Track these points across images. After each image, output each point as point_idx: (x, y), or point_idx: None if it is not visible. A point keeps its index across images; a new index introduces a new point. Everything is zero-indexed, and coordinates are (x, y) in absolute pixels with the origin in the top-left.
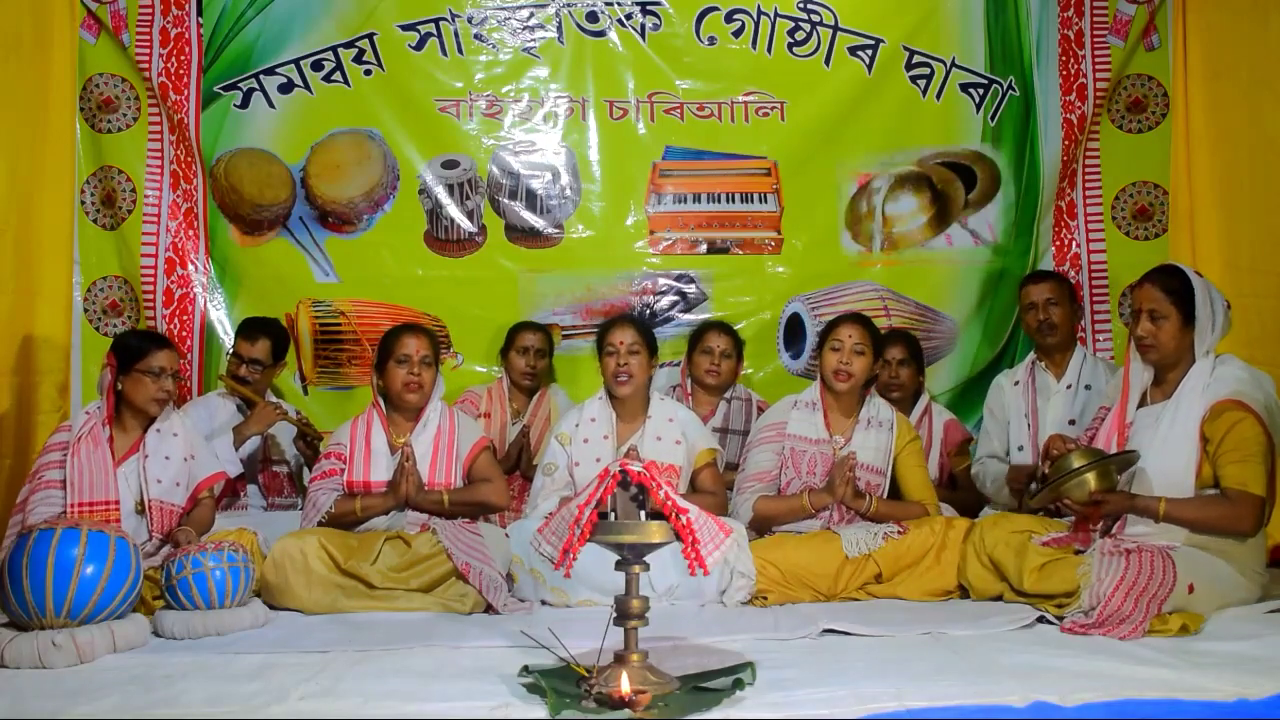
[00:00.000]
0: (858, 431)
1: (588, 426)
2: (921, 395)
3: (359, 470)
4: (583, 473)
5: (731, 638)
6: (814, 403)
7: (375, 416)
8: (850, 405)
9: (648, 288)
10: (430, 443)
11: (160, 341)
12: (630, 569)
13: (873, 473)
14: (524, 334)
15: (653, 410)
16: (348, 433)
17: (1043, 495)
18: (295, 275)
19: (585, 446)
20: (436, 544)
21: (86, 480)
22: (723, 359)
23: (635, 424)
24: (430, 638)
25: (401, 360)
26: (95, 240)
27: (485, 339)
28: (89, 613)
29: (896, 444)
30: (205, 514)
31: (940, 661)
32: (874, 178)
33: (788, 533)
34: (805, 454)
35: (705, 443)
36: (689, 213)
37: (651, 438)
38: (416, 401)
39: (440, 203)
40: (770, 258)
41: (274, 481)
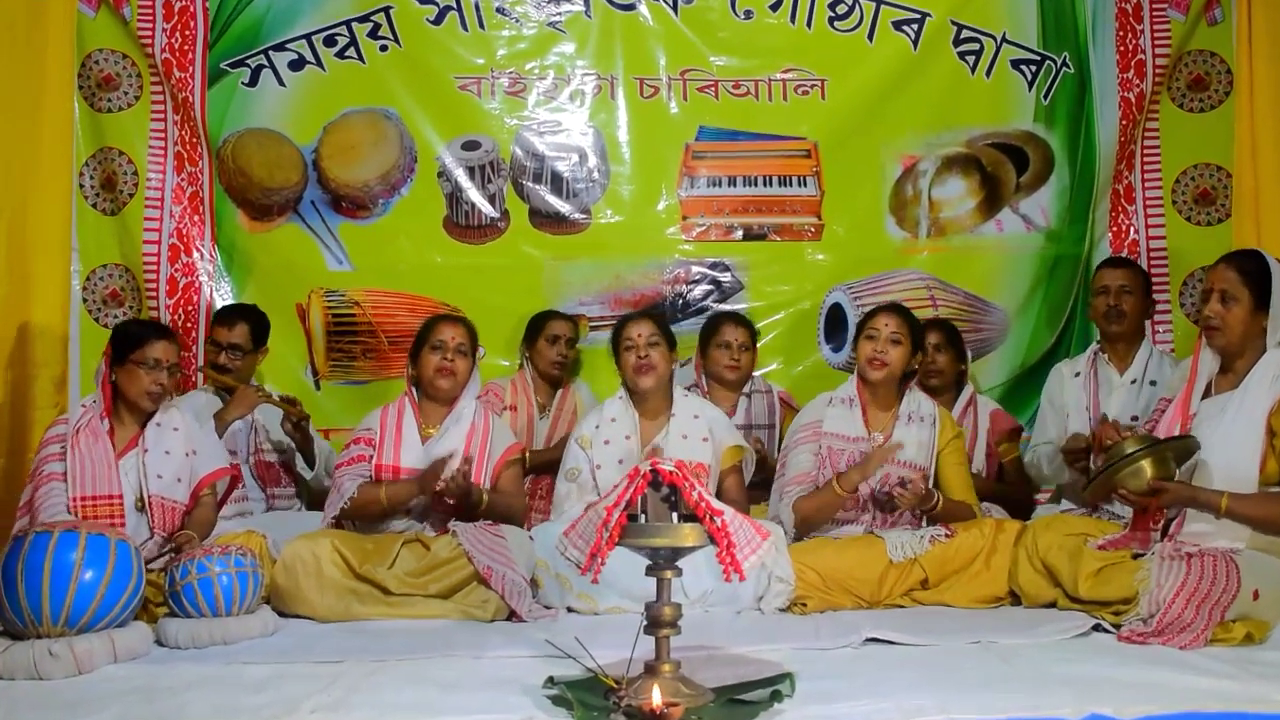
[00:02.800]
0: (898, 427)
1: (608, 427)
2: (965, 386)
3: (388, 454)
4: (605, 476)
5: (769, 647)
6: (850, 398)
7: (407, 404)
8: (888, 399)
9: (680, 276)
10: (462, 438)
11: (160, 331)
12: (662, 574)
13: (915, 470)
14: (554, 322)
15: (677, 407)
16: (378, 418)
17: (1096, 485)
18: (306, 263)
19: (606, 448)
20: (456, 547)
21: (88, 473)
22: (742, 351)
23: (659, 422)
24: (450, 646)
25: (436, 346)
26: (95, 226)
27: (508, 330)
28: (88, 620)
29: (939, 440)
30: (207, 514)
31: (990, 672)
32: (920, 160)
33: (828, 536)
34: (843, 453)
35: (732, 439)
36: (724, 197)
37: (677, 436)
38: (448, 389)
39: (460, 186)
40: (810, 245)
41: (269, 472)
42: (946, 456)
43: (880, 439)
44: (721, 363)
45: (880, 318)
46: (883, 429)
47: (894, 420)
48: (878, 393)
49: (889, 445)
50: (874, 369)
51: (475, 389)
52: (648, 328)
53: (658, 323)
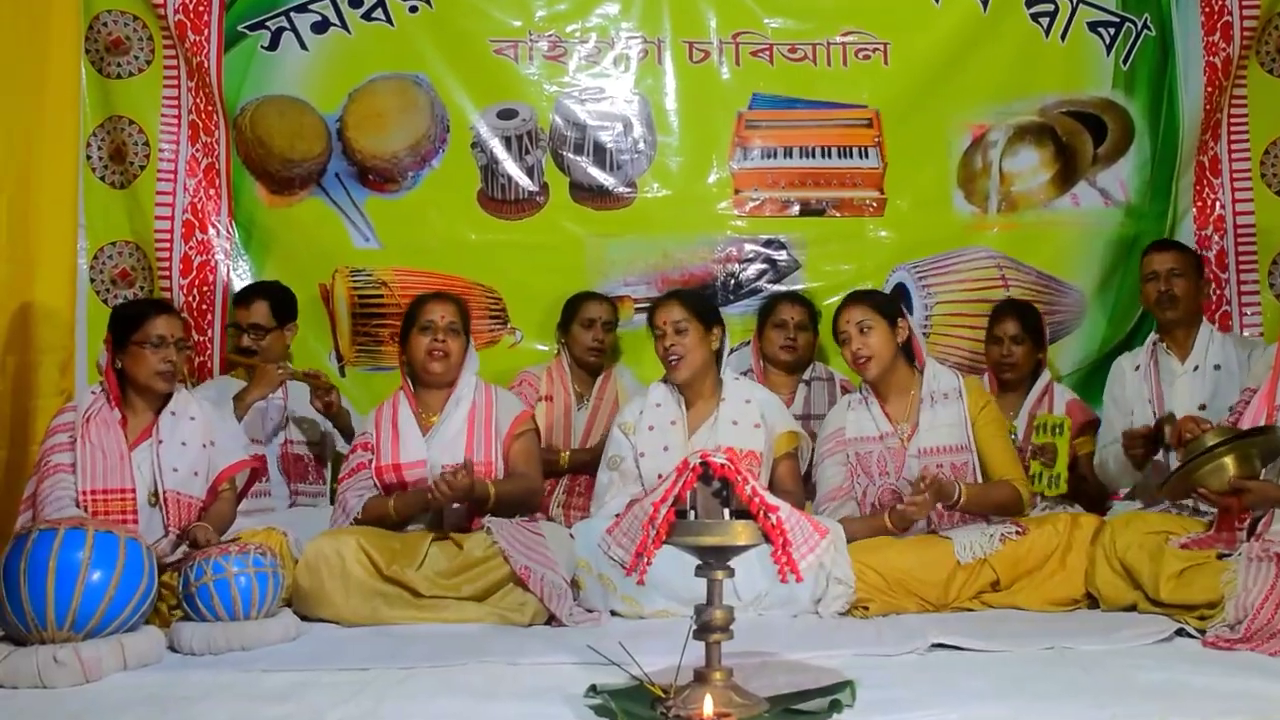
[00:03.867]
0: (923, 413)
1: (653, 412)
2: (1041, 374)
3: (386, 453)
4: (649, 464)
5: (828, 653)
6: (864, 397)
7: (402, 396)
8: (906, 384)
9: (732, 254)
10: (464, 419)
11: (157, 307)
12: (713, 575)
13: (955, 452)
14: (589, 304)
15: (727, 391)
16: (373, 419)
17: (1173, 483)
18: (331, 240)
19: (651, 435)
20: (491, 545)
21: (99, 465)
22: (798, 331)
23: (707, 408)
24: (484, 653)
25: (425, 328)
26: (103, 200)
27: (547, 313)
28: (95, 625)
29: (970, 411)
30: (225, 509)
31: (1066, 680)
32: (990, 129)
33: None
34: (872, 455)
35: (785, 424)
36: (779, 169)
37: (727, 422)
38: (441, 372)
39: (496, 158)
40: (872, 220)
41: (297, 465)
42: (981, 428)
43: (907, 430)
44: (777, 343)
45: (841, 315)
46: (907, 418)
47: (917, 406)
48: (888, 382)
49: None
50: (864, 369)
51: (473, 366)
52: (676, 311)
53: (688, 304)
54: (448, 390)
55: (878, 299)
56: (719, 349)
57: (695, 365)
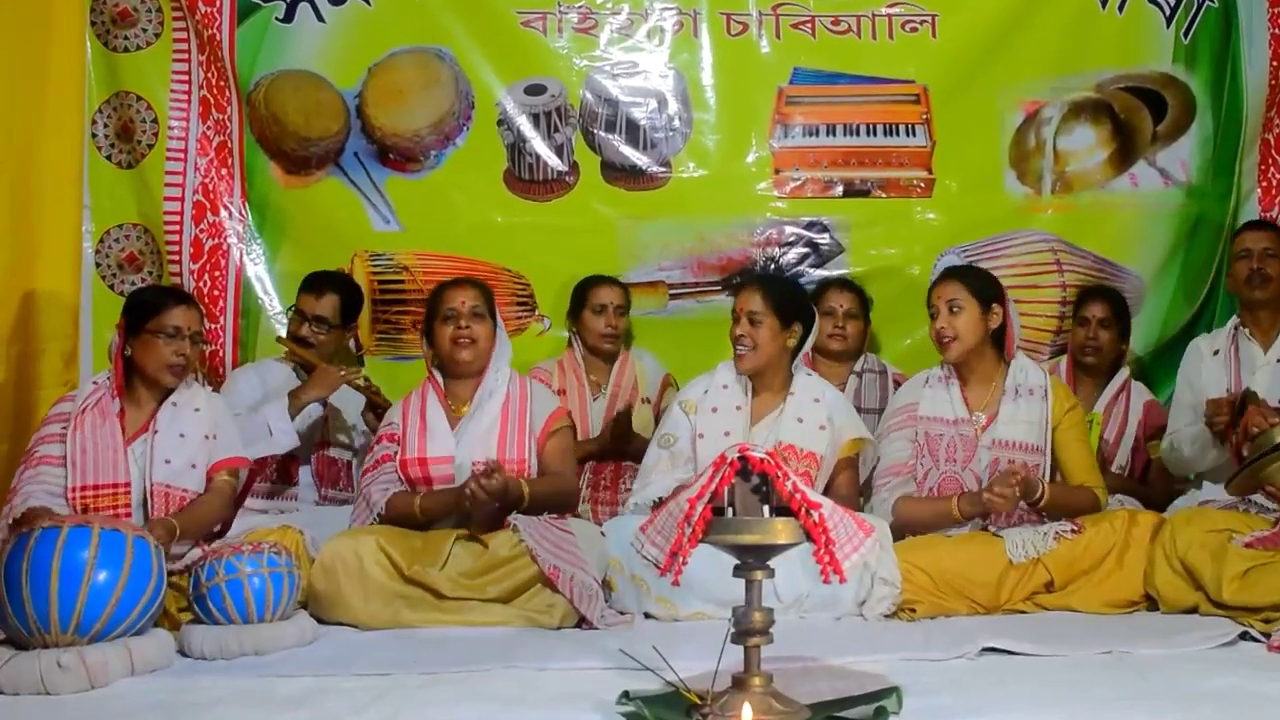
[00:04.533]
0: (1004, 404)
1: (719, 394)
2: (1121, 367)
3: (413, 446)
4: (707, 447)
5: (873, 657)
6: (946, 376)
7: (430, 388)
8: (990, 372)
9: (772, 238)
10: (497, 414)
11: (177, 296)
12: (751, 575)
13: (1029, 452)
14: (599, 289)
15: (796, 386)
16: (400, 410)
17: (1240, 479)
18: (349, 222)
19: (714, 417)
20: (518, 544)
21: (91, 459)
22: (848, 320)
23: (774, 400)
24: (511, 657)
25: (448, 316)
26: (109, 181)
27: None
28: (101, 627)
29: (1053, 413)
30: (212, 504)
31: (1124, 686)
32: (1044, 106)
33: (940, 532)
34: (942, 438)
35: (854, 430)
36: (821, 148)
37: (791, 418)
38: (469, 360)
39: (523, 136)
40: (919, 202)
41: (330, 469)
42: (1063, 432)
43: (983, 420)
44: (825, 331)
45: (934, 292)
46: (986, 407)
47: (998, 396)
48: (974, 367)
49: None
50: (946, 349)
51: (506, 354)
52: (753, 300)
53: (770, 294)
54: (477, 380)
55: (976, 279)
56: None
57: (760, 361)
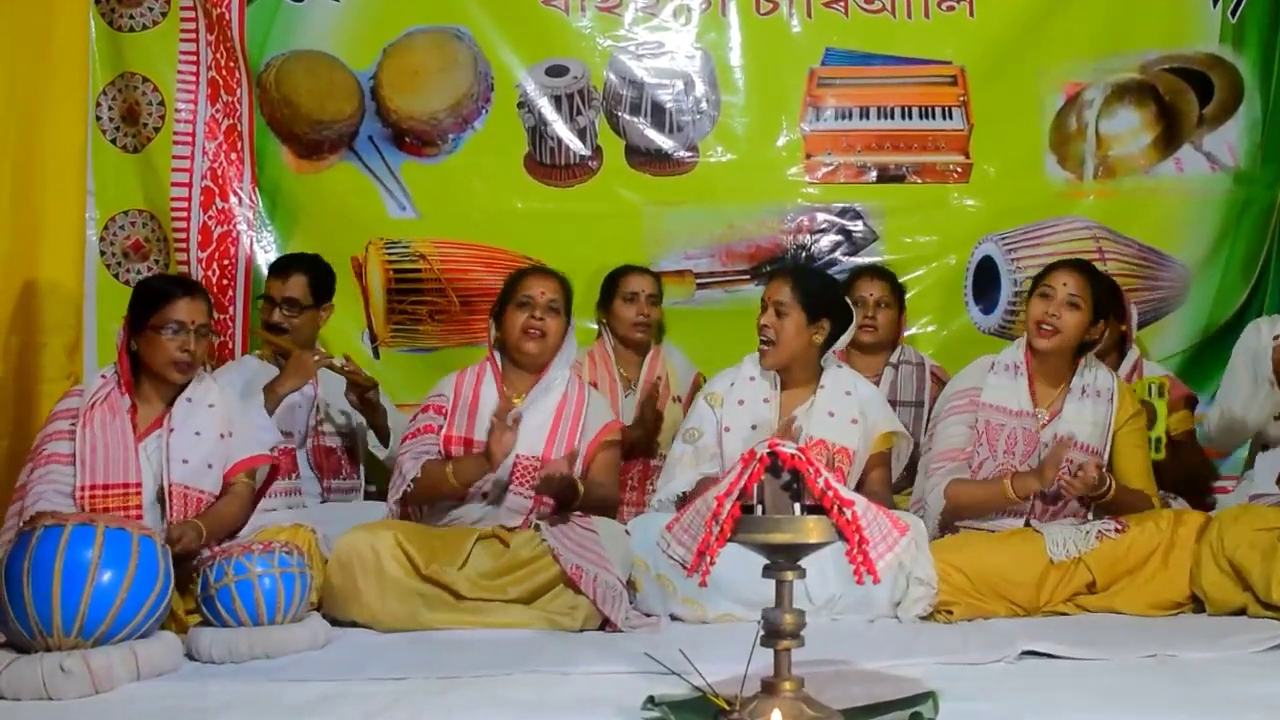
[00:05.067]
0: (1069, 403)
1: (745, 386)
2: (1129, 350)
3: (461, 424)
4: (733, 441)
5: (908, 661)
6: (1016, 365)
7: (489, 369)
8: (1060, 370)
9: (803, 225)
10: (552, 411)
11: (182, 288)
12: (782, 575)
13: (1088, 453)
14: (630, 277)
15: (827, 380)
16: (453, 383)
17: None
18: (364, 209)
19: (740, 410)
20: (540, 544)
21: (100, 457)
22: (879, 309)
23: (804, 393)
24: (532, 661)
25: (524, 303)
26: (114, 165)
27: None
28: (106, 630)
29: (1116, 418)
30: (232, 508)
31: (1169, 691)
32: (1086, 88)
33: (977, 530)
34: (1004, 428)
35: (887, 424)
36: (855, 131)
37: (822, 412)
38: (536, 353)
39: (544, 119)
40: (956, 188)
41: (328, 459)
42: (1124, 437)
43: (1046, 416)
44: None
45: (1059, 275)
46: (1051, 405)
47: (1064, 394)
48: (1048, 362)
49: (1064, 442)
50: (1043, 336)
51: (569, 356)
52: (781, 291)
53: (799, 287)
54: (538, 375)
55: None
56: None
57: (784, 355)
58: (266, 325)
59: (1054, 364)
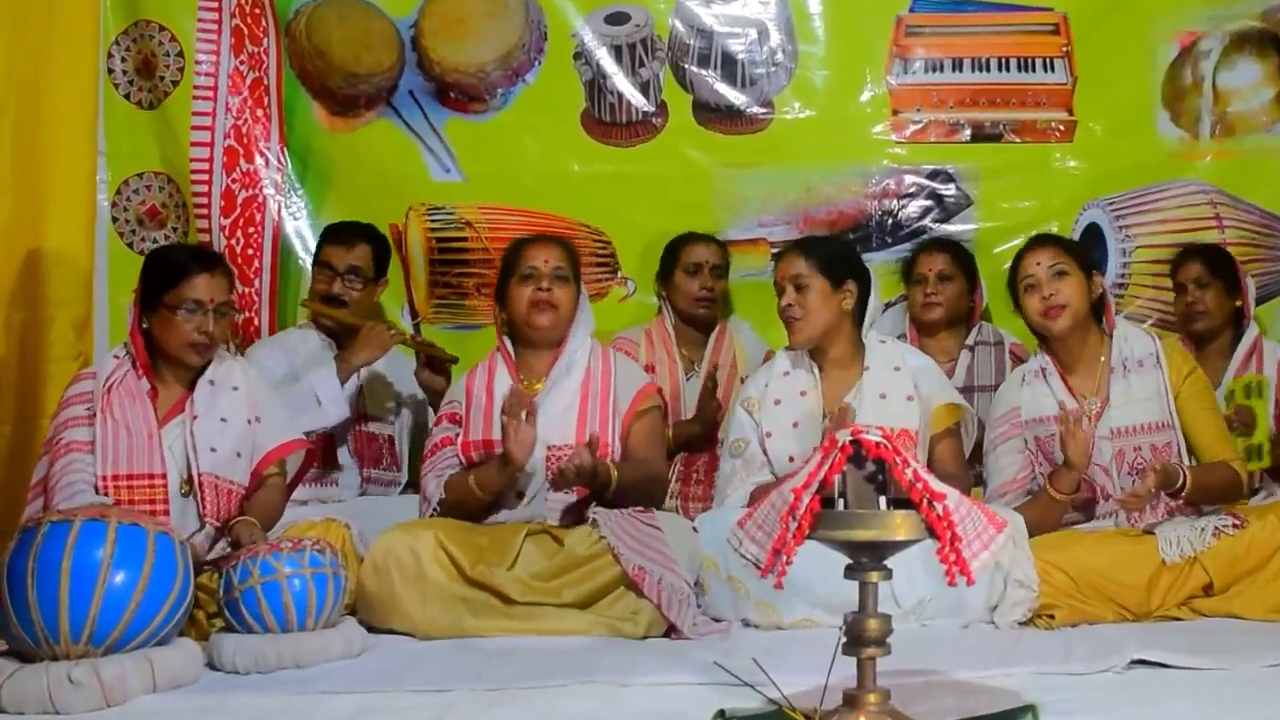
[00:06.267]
0: (1115, 383)
1: (780, 383)
2: (1246, 328)
3: (477, 428)
4: (777, 445)
5: (1005, 671)
6: (1043, 368)
7: (500, 359)
8: (1092, 350)
9: (890, 189)
10: (577, 390)
11: (200, 261)
12: (866, 576)
13: (1154, 431)
14: (693, 246)
15: (871, 358)
16: (462, 386)
17: None
18: (404, 171)
19: (777, 410)
20: (598, 541)
21: (123, 445)
22: (941, 283)
23: (847, 378)
24: (590, 671)
25: (527, 275)
26: (127, 123)
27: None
28: (119, 637)
29: (1171, 381)
30: (273, 498)
31: None
32: (1202, 37)
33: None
34: (1055, 438)
35: (944, 395)
36: (946, 85)
37: (872, 394)
38: (549, 326)
39: (604, 72)
40: (1059, 147)
41: (370, 446)
42: (1186, 401)
43: (1095, 406)
44: (918, 302)
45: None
46: (1095, 391)
47: (1106, 376)
48: (1071, 347)
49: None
50: (1053, 318)
51: (587, 325)
52: (795, 264)
53: (811, 255)
54: (555, 351)
55: (1070, 243)
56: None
57: (815, 329)
58: (325, 297)
59: (1078, 347)
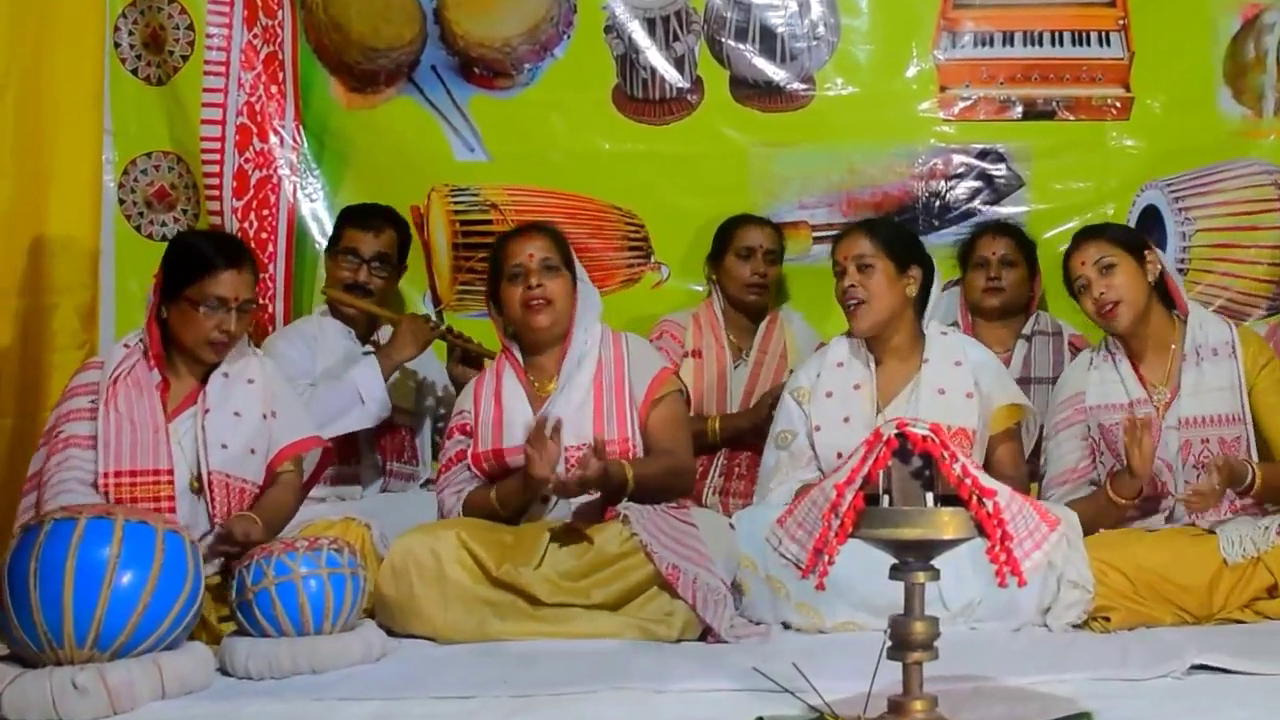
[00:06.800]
0: (1186, 373)
1: (832, 374)
2: None
3: (487, 437)
4: (827, 440)
5: (1059, 676)
6: (1113, 352)
7: (506, 365)
8: (1161, 336)
9: (937, 169)
10: (589, 386)
11: (228, 257)
12: (912, 577)
13: (1225, 424)
14: (746, 229)
15: (930, 349)
16: (470, 395)
17: None
18: (426, 150)
19: (829, 403)
20: (630, 539)
21: (127, 440)
22: (1004, 268)
23: (905, 371)
24: (621, 676)
25: (514, 275)
26: (135, 100)
27: (700, 242)
28: (126, 640)
29: (1246, 372)
30: (285, 497)
31: None
32: (1266, 10)
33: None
34: (1119, 427)
35: (1007, 395)
36: (997, 60)
37: (930, 390)
38: (546, 325)
39: (636, 46)
40: (1115, 126)
41: (392, 439)
42: (1262, 391)
43: (1166, 394)
44: (979, 286)
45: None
46: (1165, 380)
47: (1178, 364)
48: (1139, 335)
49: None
50: (1111, 317)
51: (593, 311)
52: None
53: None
54: (562, 346)
55: (1114, 232)
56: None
57: (880, 314)
58: (349, 285)
59: (1145, 331)
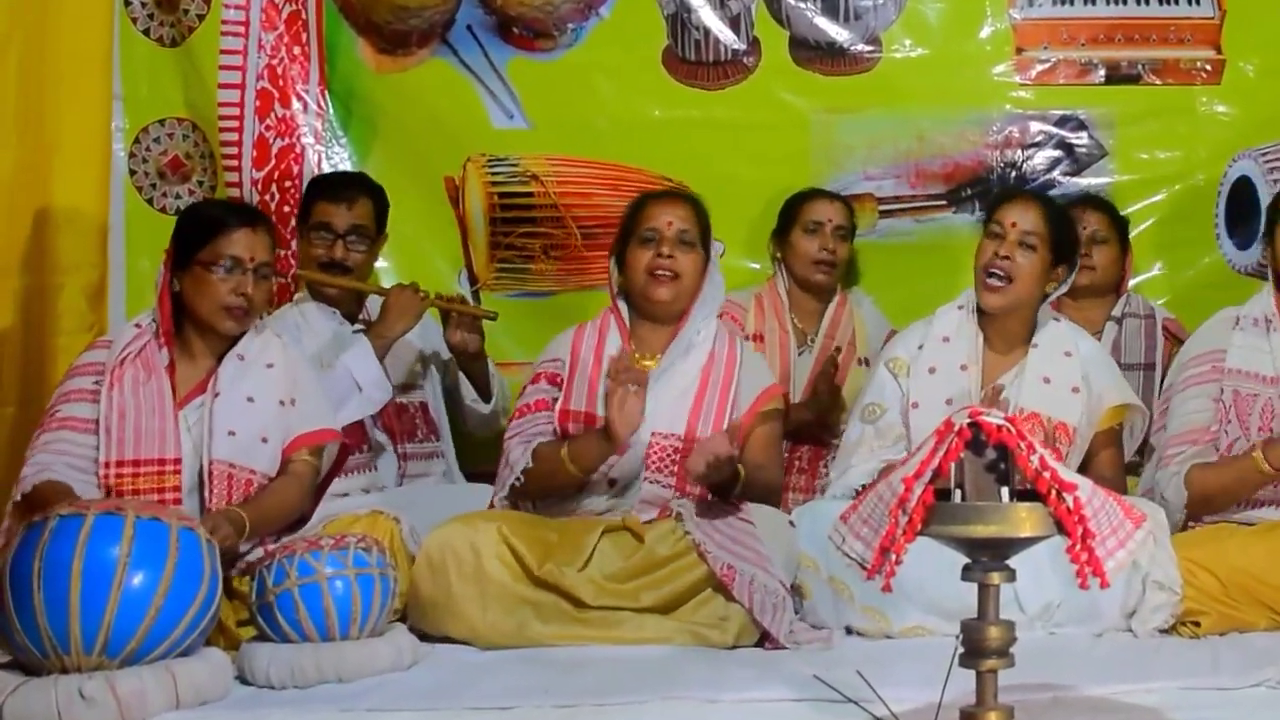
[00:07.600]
0: None
1: (937, 349)
2: None
3: (580, 396)
4: (923, 421)
5: (1144, 685)
6: (1268, 318)
7: (613, 323)
8: None
9: (1013, 137)
10: (696, 375)
11: (241, 216)
12: (986, 578)
13: None
14: (814, 203)
15: (1042, 337)
16: (568, 343)
17: None
18: (461, 117)
19: (931, 380)
20: (682, 538)
21: (131, 427)
22: (1096, 245)
23: (1012, 354)
24: (672, 685)
25: (647, 238)
26: (147, 63)
27: (759, 217)
28: (137, 646)
29: None
30: (288, 492)
31: None
32: None
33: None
34: (1256, 399)
35: (1119, 394)
36: (1077, 20)
37: (1035, 377)
38: (668, 299)
39: (688, 4)
40: (1205, 91)
41: (400, 418)
42: None
43: None
44: None
45: None
46: None
47: None
48: None
49: None
50: None
51: (716, 300)
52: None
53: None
54: (675, 327)
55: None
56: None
57: (1019, 298)
58: (325, 264)
59: None
